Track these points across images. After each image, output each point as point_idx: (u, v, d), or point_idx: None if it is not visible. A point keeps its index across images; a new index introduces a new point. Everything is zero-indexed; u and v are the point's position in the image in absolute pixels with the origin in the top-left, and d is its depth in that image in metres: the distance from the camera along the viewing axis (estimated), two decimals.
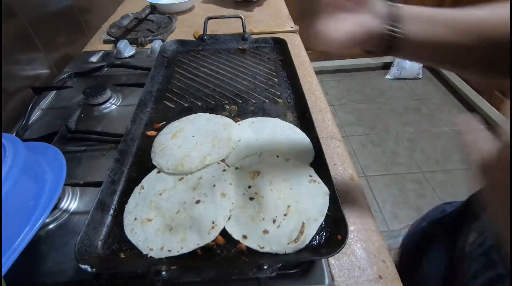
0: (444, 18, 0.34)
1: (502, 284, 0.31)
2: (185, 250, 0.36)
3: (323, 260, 0.38)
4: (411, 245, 0.57)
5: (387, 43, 0.34)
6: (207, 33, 0.81)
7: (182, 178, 0.45)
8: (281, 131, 0.53)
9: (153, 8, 1.05)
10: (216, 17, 0.83)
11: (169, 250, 0.36)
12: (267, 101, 0.62)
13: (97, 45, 0.92)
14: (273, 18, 1.04)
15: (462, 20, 0.33)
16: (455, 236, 0.45)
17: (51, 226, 0.43)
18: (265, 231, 0.38)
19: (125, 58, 0.82)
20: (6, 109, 0.62)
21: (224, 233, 0.38)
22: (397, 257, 0.58)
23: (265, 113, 0.59)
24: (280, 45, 0.79)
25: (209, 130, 0.53)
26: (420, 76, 2.39)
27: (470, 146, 0.23)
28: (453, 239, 0.45)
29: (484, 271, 0.34)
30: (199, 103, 0.62)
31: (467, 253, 0.39)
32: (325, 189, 0.42)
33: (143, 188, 0.45)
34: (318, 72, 2.43)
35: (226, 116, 0.58)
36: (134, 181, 0.46)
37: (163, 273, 0.32)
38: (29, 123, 0.62)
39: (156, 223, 0.40)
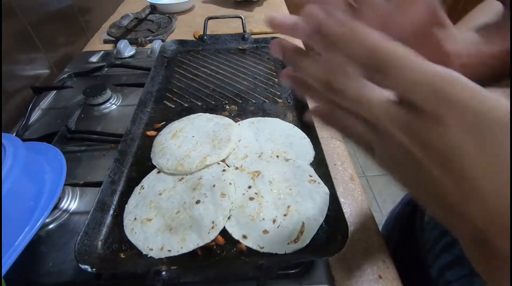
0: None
1: (456, 248, 0.33)
2: (185, 250, 0.36)
3: (323, 260, 0.38)
4: (386, 229, 0.59)
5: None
6: (207, 33, 0.81)
7: (182, 178, 0.45)
8: (281, 131, 0.53)
9: (153, 8, 1.05)
10: (216, 17, 0.83)
11: (169, 250, 0.36)
12: (267, 101, 0.62)
13: (97, 45, 0.92)
14: None
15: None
16: (418, 212, 0.46)
17: (51, 226, 0.43)
18: (265, 231, 0.38)
19: (125, 58, 0.82)
20: (6, 109, 0.62)
21: (224, 233, 0.38)
22: None
23: (265, 113, 0.59)
24: None
25: (209, 130, 0.53)
26: None
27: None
28: (416, 216, 0.47)
29: (441, 238, 0.36)
30: (199, 103, 0.62)
31: (426, 224, 0.41)
32: (325, 189, 0.42)
33: (143, 188, 0.45)
34: None
35: (226, 116, 0.58)
36: (134, 181, 0.46)
37: (163, 273, 0.32)
38: (29, 123, 0.62)
39: (156, 223, 0.40)
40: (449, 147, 0.14)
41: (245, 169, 0.46)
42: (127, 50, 0.82)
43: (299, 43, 0.25)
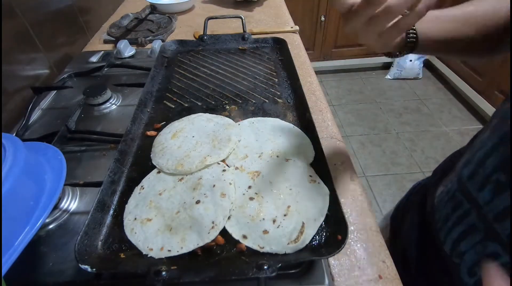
0: (452, 14, 0.41)
1: (469, 217, 0.35)
2: (185, 250, 0.36)
3: (323, 260, 0.38)
4: (392, 220, 0.61)
5: (408, 45, 0.41)
6: (207, 33, 0.81)
7: (182, 178, 0.45)
8: (281, 131, 0.53)
9: (153, 8, 1.05)
10: (216, 17, 0.83)
11: (169, 250, 0.36)
12: (267, 101, 0.62)
13: (97, 45, 0.92)
14: (273, 18, 1.04)
15: (467, 14, 0.40)
16: (426, 199, 0.48)
17: (51, 226, 0.43)
18: (265, 231, 0.38)
19: (125, 58, 0.82)
20: (6, 109, 0.62)
21: (224, 233, 0.38)
22: (387, 235, 0.61)
23: (265, 113, 0.59)
24: (280, 45, 0.79)
25: (209, 130, 0.53)
26: (420, 76, 2.40)
27: None
28: (424, 203, 0.49)
29: (453, 212, 0.38)
30: (199, 103, 0.62)
31: (437, 204, 0.42)
32: (325, 189, 0.42)
33: (143, 188, 0.45)
34: (318, 72, 2.43)
35: (226, 116, 0.58)
36: (134, 181, 0.46)
37: (163, 273, 0.32)
38: (29, 123, 0.62)
39: (156, 223, 0.40)
40: None
41: (245, 169, 0.46)
42: (127, 50, 0.82)
43: None
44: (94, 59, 0.82)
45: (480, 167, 0.34)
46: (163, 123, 0.57)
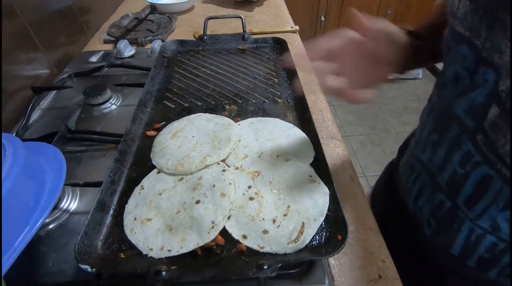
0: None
1: (421, 177, 0.43)
2: (185, 250, 0.36)
3: (323, 260, 0.38)
4: (372, 196, 0.69)
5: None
6: (207, 33, 0.81)
7: (182, 178, 0.45)
8: (281, 131, 0.53)
9: (153, 8, 1.05)
10: (216, 17, 0.83)
11: (169, 250, 0.36)
12: (267, 101, 0.62)
13: (97, 45, 0.92)
14: (273, 18, 1.04)
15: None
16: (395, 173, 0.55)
17: (51, 226, 0.43)
18: (265, 231, 0.38)
19: (125, 58, 0.82)
20: (6, 109, 0.62)
21: (224, 233, 0.38)
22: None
23: (265, 113, 0.59)
24: (280, 45, 0.79)
25: (209, 130, 0.53)
26: (420, 76, 2.40)
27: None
28: (393, 176, 0.56)
29: (411, 175, 0.46)
30: (199, 103, 0.62)
31: (401, 173, 0.50)
32: (325, 189, 0.42)
33: (143, 188, 0.45)
34: None
35: (226, 116, 0.58)
36: (134, 181, 0.46)
37: (163, 273, 0.32)
38: (29, 123, 0.62)
39: (156, 223, 0.40)
40: None
41: (245, 169, 0.46)
42: (127, 50, 0.82)
43: None
44: (94, 59, 0.82)
45: (422, 135, 0.42)
46: (163, 123, 0.57)
